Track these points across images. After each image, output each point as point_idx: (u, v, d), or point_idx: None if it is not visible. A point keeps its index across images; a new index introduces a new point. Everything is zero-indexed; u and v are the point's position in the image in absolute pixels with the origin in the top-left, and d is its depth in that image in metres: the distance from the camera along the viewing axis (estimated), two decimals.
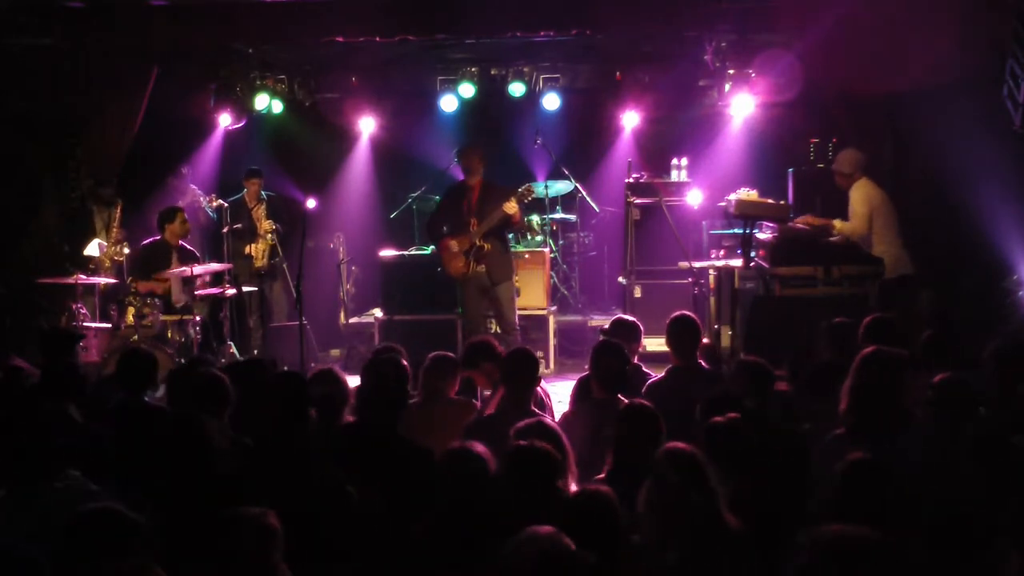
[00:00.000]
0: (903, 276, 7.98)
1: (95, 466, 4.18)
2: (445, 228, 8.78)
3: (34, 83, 9.55)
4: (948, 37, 7.96)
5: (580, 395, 5.59)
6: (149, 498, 3.81)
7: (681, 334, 5.76)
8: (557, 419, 5.19)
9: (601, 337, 5.89)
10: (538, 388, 5.50)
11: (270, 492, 3.71)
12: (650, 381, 5.65)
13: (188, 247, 9.53)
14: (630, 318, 6.38)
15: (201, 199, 10.46)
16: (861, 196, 8.16)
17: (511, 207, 8.43)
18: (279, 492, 3.77)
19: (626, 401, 4.80)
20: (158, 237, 9.34)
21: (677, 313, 5.93)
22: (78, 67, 9.54)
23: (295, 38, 9.88)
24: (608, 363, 5.22)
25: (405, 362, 5.21)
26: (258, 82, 10.74)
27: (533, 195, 8.83)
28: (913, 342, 5.44)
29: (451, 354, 5.70)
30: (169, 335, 8.69)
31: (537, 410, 5.12)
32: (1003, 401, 4.59)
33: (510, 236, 9.24)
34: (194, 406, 4.80)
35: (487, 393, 5.87)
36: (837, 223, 8.11)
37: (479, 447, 3.83)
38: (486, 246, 8.58)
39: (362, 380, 5.06)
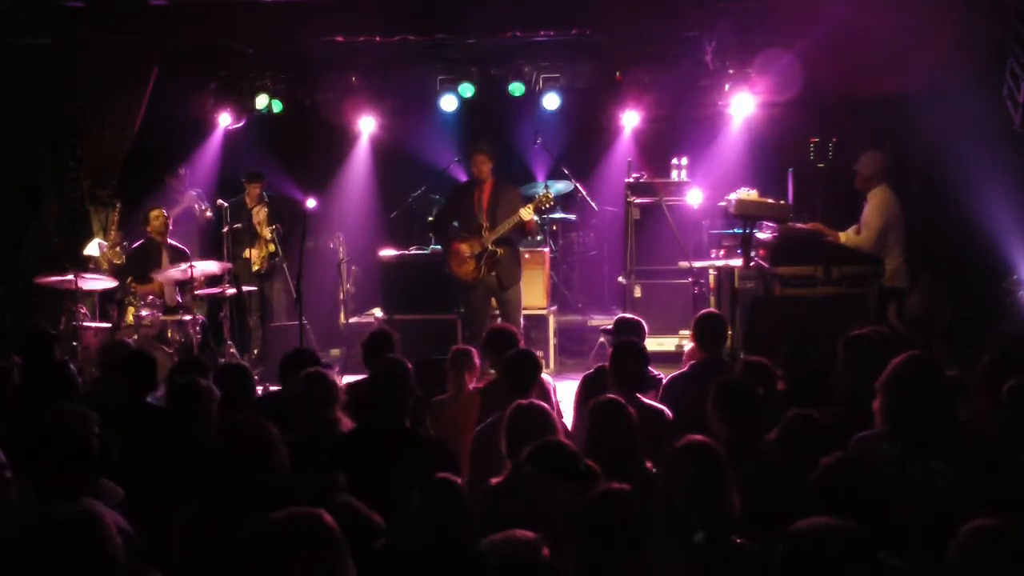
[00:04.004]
0: (897, 288, 7.97)
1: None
2: (455, 224, 8.75)
3: (34, 83, 9.56)
4: (948, 37, 7.96)
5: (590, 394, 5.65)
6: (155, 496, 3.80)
7: (708, 329, 5.95)
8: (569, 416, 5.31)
9: (602, 338, 5.99)
10: (546, 381, 5.73)
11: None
12: (672, 376, 5.82)
13: (179, 245, 9.55)
14: (632, 316, 6.43)
15: (199, 203, 10.48)
16: (878, 206, 8.00)
17: (527, 215, 8.40)
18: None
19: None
20: (147, 238, 9.41)
21: (705, 310, 6.21)
22: (78, 67, 9.54)
23: (295, 38, 9.88)
24: (626, 364, 5.29)
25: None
26: (258, 82, 10.73)
27: (551, 203, 8.83)
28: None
29: (469, 347, 5.96)
30: (169, 335, 8.70)
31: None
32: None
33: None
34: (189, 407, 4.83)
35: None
36: (843, 236, 8.03)
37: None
38: (499, 251, 8.53)
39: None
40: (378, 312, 10.20)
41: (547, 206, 8.79)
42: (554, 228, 11.10)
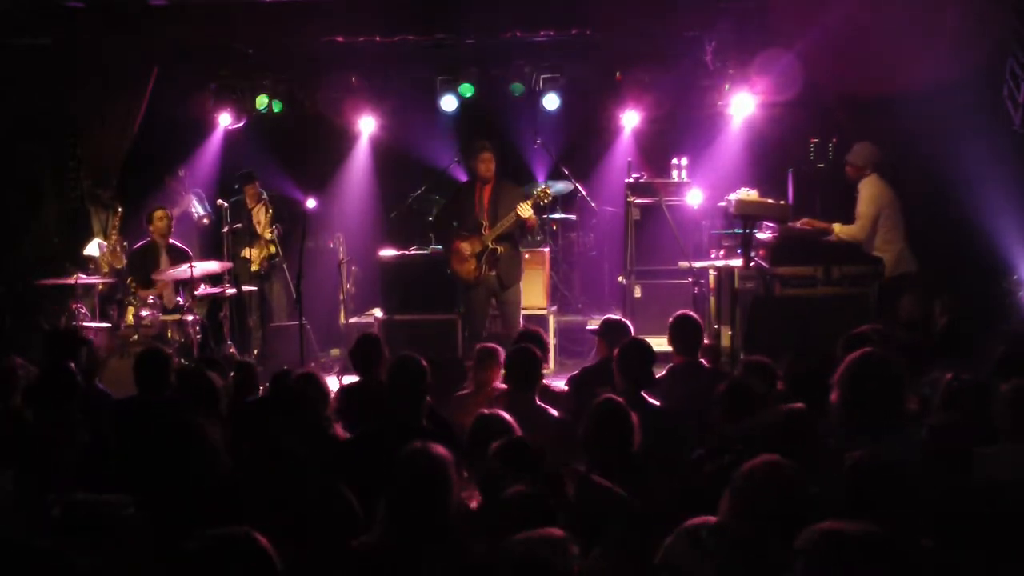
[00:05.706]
0: (904, 274, 7.97)
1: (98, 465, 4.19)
2: (455, 224, 8.74)
3: (34, 83, 9.56)
4: (948, 37, 7.96)
5: (581, 392, 5.66)
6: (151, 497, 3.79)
7: (683, 332, 5.91)
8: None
9: (595, 335, 6.06)
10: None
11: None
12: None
13: (179, 245, 9.55)
14: (618, 317, 6.46)
15: (195, 207, 10.48)
16: (869, 195, 8.05)
17: (525, 211, 8.37)
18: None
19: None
20: (147, 239, 9.41)
21: (679, 312, 6.09)
22: (78, 67, 9.55)
23: (295, 38, 9.88)
24: (636, 363, 5.30)
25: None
26: (258, 82, 10.74)
27: (550, 198, 8.81)
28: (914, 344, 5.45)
29: (495, 345, 6.01)
30: (169, 335, 8.70)
31: (546, 405, 5.20)
32: None
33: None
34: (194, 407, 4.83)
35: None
36: (837, 227, 8.04)
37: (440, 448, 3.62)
38: (500, 249, 8.53)
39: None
40: (378, 312, 10.19)
41: (545, 201, 8.76)
42: (554, 228, 11.10)
